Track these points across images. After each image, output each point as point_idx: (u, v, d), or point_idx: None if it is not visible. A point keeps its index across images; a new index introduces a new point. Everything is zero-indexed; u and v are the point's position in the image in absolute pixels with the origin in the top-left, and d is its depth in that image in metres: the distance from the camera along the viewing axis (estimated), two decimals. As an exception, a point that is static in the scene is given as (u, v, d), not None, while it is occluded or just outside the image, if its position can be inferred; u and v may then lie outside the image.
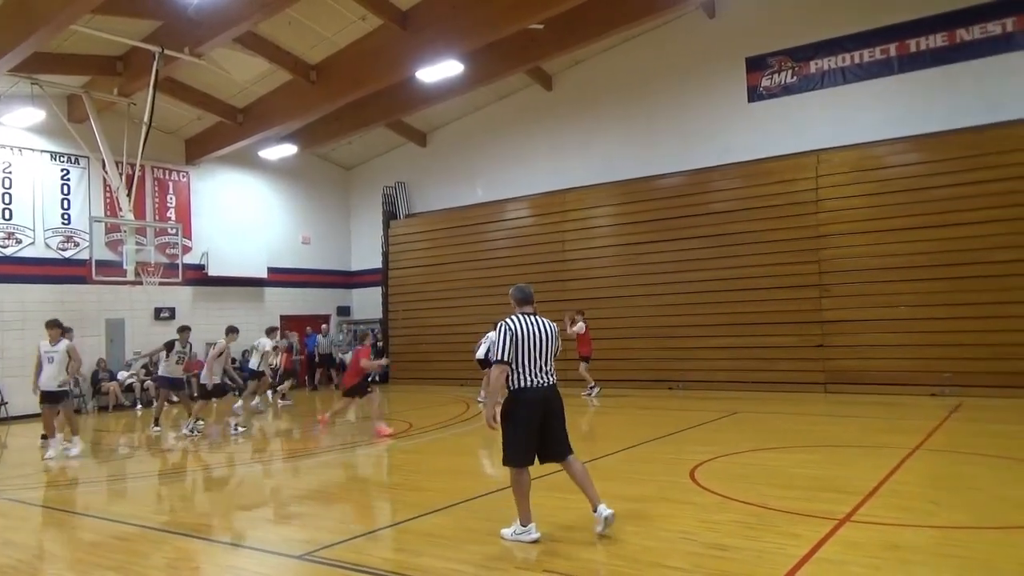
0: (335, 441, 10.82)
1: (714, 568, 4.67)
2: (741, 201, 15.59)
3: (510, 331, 5.30)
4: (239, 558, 5.47)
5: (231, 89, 16.56)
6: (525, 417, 5.29)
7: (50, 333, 10.07)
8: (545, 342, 5.38)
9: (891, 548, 4.94)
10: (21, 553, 5.73)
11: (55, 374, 9.99)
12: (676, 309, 16.08)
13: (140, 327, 17.42)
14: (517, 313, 5.49)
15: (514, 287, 5.68)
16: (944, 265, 13.43)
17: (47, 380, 10.00)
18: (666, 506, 6.21)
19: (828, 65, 15.11)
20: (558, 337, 5.55)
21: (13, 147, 15.75)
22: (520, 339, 5.30)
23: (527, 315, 5.47)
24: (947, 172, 13.58)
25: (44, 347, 10.09)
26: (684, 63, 16.71)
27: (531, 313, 5.51)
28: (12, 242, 15.63)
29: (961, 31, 13.79)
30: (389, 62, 14.33)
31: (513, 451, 5.33)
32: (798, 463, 8.00)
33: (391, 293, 21.27)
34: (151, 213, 17.85)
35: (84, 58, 14.30)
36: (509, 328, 5.32)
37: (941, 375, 13.15)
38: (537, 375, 5.33)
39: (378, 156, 22.35)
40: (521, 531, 5.34)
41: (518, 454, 5.32)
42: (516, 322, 5.37)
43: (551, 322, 5.53)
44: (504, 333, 5.31)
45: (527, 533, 5.32)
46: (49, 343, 10.06)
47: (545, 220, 18.48)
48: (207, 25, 12.64)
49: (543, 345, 5.37)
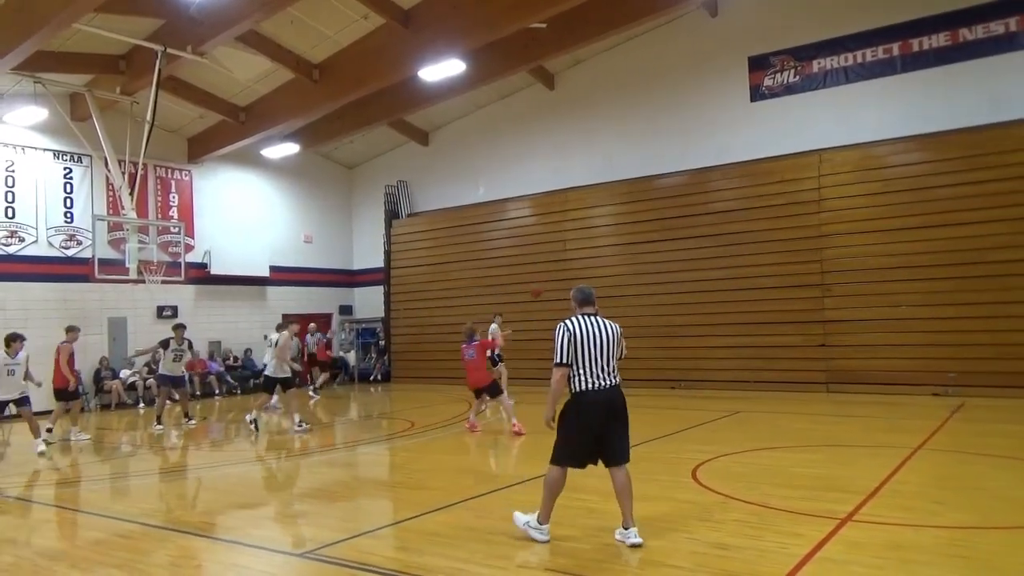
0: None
1: (716, 567, 4.67)
2: (743, 201, 15.58)
3: (568, 332, 5.20)
4: (242, 556, 5.47)
5: (233, 88, 16.57)
6: (584, 420, 5.16)
7: (12, 347, 10.41)
8: (608, 343, 5.24)
9: (894, 548, 4.94)
10: (25, 551, 5.74)
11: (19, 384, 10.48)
12: (678, 309, 16.08)
13: (142, 325, 17.43)
14: (577, 314, 5.36)
15: (575, 288, 5.53)
16: (946, 265, 13.42)
17: (12, 390, 10.44)
18: (668, 505, 6.21)
19: (831, 64, 15.09)
20: (622, 338, 5.41)
21: (16, 145, 15.77)
22: (580, 340, 5.18)
23: (588, 316, 5.33)
24: (950, 172, 13.57)
25: (5, 360, 10.39)
26: (686, 62, 16.70)
27: (592, 314, 5.38)
28: (15, 240, 15.65)
29: (964, 30, 13.77)
30: (391, 61, 14.33)
31: (563, 452, 5.24)
32: (800, 463, 8.00)
33: (393, 292, 21.29)
34: (153, 211, 17.88)
35: (87, 57, 14.32)
36: (568, 329, 5.22)
37: (944, 375, 13.14)
38: (600, 377, 5.19)
39: (380, 155, 22.36)
40: (536, 526, 5.30)
41: (568, 455, 5.23)
42: (575, 323, 5.25)
43: (614, 323, 5.38)
44: (562, 335, 5.21)
45: (539, 532, 5.28)
46: (10, 356, 10.39)
47: (546, 219, 18.48)
48: (209, 24, 12.65)
49: (605, 346, 5.22)
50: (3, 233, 15.48)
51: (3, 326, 14.47)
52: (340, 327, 22.29)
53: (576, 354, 5.18)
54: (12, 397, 10.51)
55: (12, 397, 10.51)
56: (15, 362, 10.43)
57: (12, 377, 10.42)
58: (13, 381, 10.44)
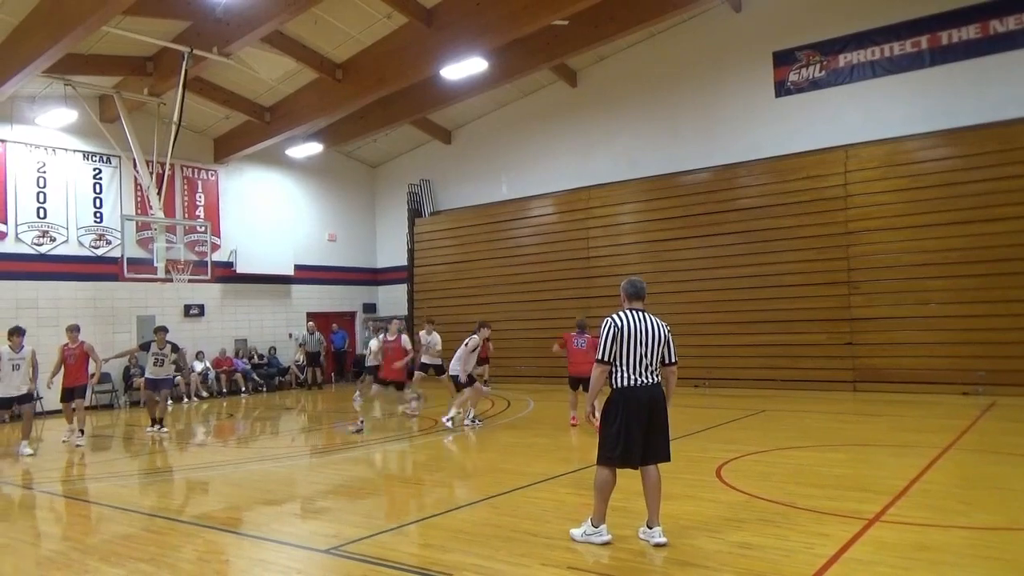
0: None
1: (741, 567, 4.64)
2: (768, 197, 15.44)
3: (615, 327, 5.11)
4: (267, 551, 5.53)
5: (258, 88, 16.73)
6: (631, 417, 5.06)
7: (14, 340, 10.27)
8: (654, 341, 5.15)
9: (921, 549, 4.87)
10: (57, 544, 5.86)
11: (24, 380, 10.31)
12: (703, 307, 15.97)
13: (170, 324, 17.51)
14: (625, 308, 5.26)
15: (626, 280, 5.40)
16: (976, 262, 13.19)
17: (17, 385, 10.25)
18: (692, 504, 6.17)
19: (857, 59, 14.89)
20: (670, 338, 5.31)
21: (47, 147, 16.06)
22: (627, 336, 5.10)
23: (636, 311, 5.23)
24: (979, 167, 13.33)
25: (9, 355, 10.21)
26: (710, 58, 16.58)
27: (641, 310, 5.28)
28: (47, 240, 15.94)
29: (995, 22, 13.50)
30: (414, 60, 14.38)
31: (610, 450, 5.12)
32: (826, 462, 7.91)
33: (416, 290, 21.37)
34: (181, 211, 18.11)
35: (115, 59, 14.54)
36: (615, 324, 5.12)
37: (974, 373, 12.93)
38: (643, 374, 5.13)
39: (403, 154, 22.46)
40: (592, 532, 5.20)
41: (615, 454, 5.11)
42: (623, 318, 5.15)
43: (664, 323, 5.29)
44: (609, 331, 5.12)
45: (598, 534, 5.18)
46: (13, 351, 10.23)
47: (570, 217, 18.45)
48: (235, 25, 12.79)
49: (651, 343, 5.13)
50: (35, 233, 15.78)
51: (36, 324, 14.82)
52: (364, 325, 22.44)
53: (621, 349, 5.11)
54: (18, 393, 10.28)
55: (18, 393, 10.28)
56: (19, 356, 10.23)
57: (17, 372, 10.20)
58: (18, 376, 10.22)
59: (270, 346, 19.86)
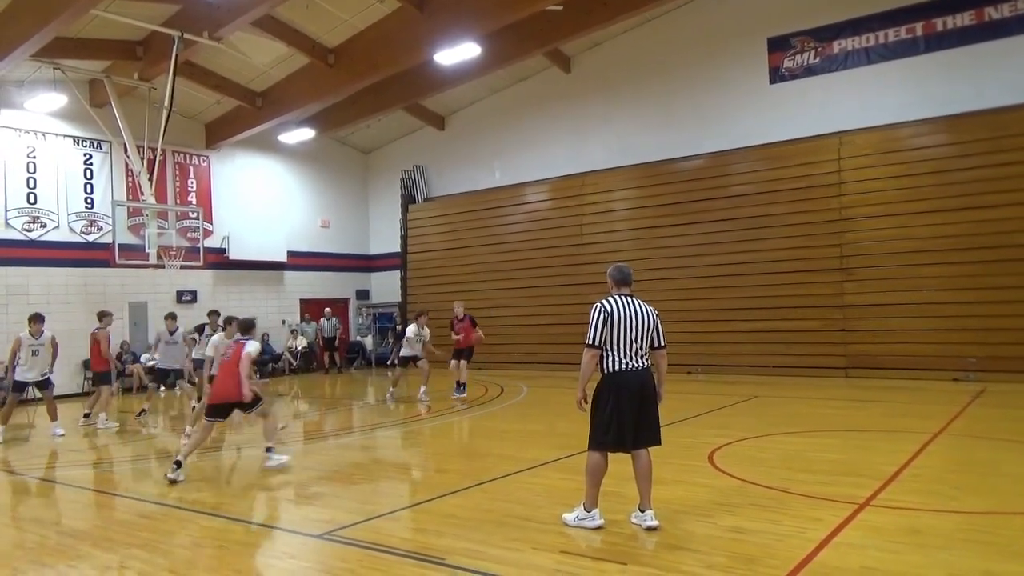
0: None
1: (733, 551, 4.67)
2: (762, 184, 15.43)
3: (605, 312, 5.13)
4: (261, 536, 5.54)
5: (250, 73, 16.60)
6: (621, 401, 5.08)
7: (35, 326, 10.52)
8: (642, 325, 5.17)
9: (912, 532, 4.91)
10: (49, 531, 5.84)
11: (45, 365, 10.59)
12: (696, 293, 15.99)
13: (163, 310, 17.46)
14: (613, 294, 5.29)
15: (613, 266, 5.45)
16: (968, 248, 13.22)
17: (39, 370, 10.51)
18: (684, 489, 6.20)
19: (852, 45, 14.85)
20: (658, 322, 5.31)
21: (37, 132, 15.91)
22: (616, 321, 5.11)
23: (624, 296, 5.27)
24: (973, 154, 13.35)
25: (29, 341, 10.44)
26: (704, 44, 16.51)
27: (629, 295, 5.32)
28: (37, 226, 15.83)
29: (989, 9, 13.48)
30: (406, 45, 14.28)
31: (602, 435, 5.13)
32: (818, 447, 7.96)
33: (410, 277, 21.34)
34: (172, 197, 18.00)
35: (105, 43, 14.39)
36: (605, 309, 5.14)
37: (965, 360, 13.00)
38: (634, 358, 5.15)
39: (396, 140, 22.35)
40: (585, 516, 5.22)
41: (607, 438, 5.12)
42: (611, 304, 5.18)
43: (651, 307, 5.31)
44: (598, 316, 5.13)
45: (591, 519, 5.20)
46: (34, 337, 10.47)
47: (563, 203, 18.41)
48: (225, 8, 12.65)
49: (640, 328, 5.16)
50: (25, 219, 15.66)
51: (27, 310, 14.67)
52: (357, 311, 22.41)
53: (610, 335, 5.12)
54: (38, 378, 10.57)
55: (38, 378, 10.57)
56: (39, 342, 10.50)
57: (37, 357, 10.47)
58: (38, 361, 10.49)
59: (263, 332, 19.80)
